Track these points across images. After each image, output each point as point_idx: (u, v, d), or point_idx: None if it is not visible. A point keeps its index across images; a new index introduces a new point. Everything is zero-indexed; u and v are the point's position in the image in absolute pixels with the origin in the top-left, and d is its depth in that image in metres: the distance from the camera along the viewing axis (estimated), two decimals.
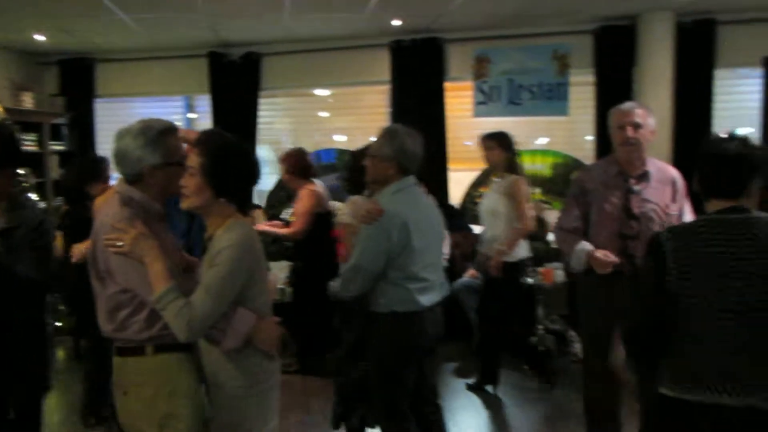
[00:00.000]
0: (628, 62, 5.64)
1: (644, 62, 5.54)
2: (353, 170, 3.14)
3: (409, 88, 6.16)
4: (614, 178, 3.17)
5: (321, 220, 4.71)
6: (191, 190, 2.09)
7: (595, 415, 3.43)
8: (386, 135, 2.84)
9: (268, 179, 6.74)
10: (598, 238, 3.16)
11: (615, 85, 5.67)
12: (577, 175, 3.32)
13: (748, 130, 4.91)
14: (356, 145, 5.80)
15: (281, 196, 6.70)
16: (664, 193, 3.16)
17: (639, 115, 3.12)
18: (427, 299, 2.80)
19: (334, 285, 2.91)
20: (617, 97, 5.41)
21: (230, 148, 2.13)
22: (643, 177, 3.16)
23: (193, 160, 2.08)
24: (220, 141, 2.13)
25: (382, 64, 6.28)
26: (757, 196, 2.03)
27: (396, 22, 5.76)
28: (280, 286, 5.51)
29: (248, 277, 2.08)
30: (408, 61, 6.15)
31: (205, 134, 2.19)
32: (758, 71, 5.35)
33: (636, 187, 3.13)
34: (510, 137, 4.51)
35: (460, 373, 4.99)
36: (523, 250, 4.40)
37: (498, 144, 4.43)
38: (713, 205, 2.03)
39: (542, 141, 6.46)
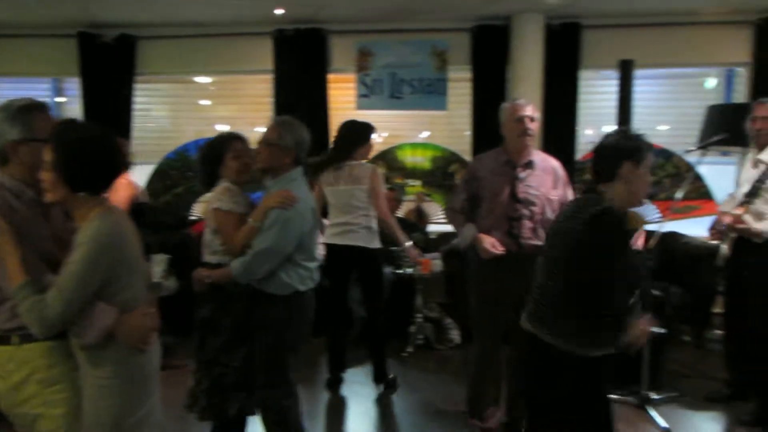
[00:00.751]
0: (502, 60, 5.91)
1: (517, 61, 5.84)
2: (210, 161, 3.10)
3: (291, 79, 6.13)
4: (503, 166, 3.45)
5: (136, 210, 4.52)
6: (47, 185, 2.02)
7: (480, 397, 3.63)
8: (284, 125, 2.99)
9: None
10: (488, 220, 3.44)
11: (490, 82, 5.93)
12: (470, 163, 3.55)
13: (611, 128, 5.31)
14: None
15: None
16: (546, 180, 3.48)
17: (531, 109, 3.46)
18: (317, 277, 3.07)
19: (232, 269, 2.88)
20: (493, 94, 5.75)
21: (84, 142, 2.02)
22: (528, 165, 3.46)
23: (47, 155, 1.99)
24: (73, 135, 2.03)
25: (264, 53, 6.20)
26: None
27: (279, 11, 5.70)
28: (156, 280, 5.31)
29: (108, 273, 2.02)
30: (291, 50, 6.11)
31: (58, 127, 2.07)
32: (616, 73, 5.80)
33: (521, 175, 3.43)
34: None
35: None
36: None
37: None
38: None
39: (425, 134, 6.64)
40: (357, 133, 4.29)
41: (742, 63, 5.82)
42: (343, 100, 6.34)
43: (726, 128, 4.12)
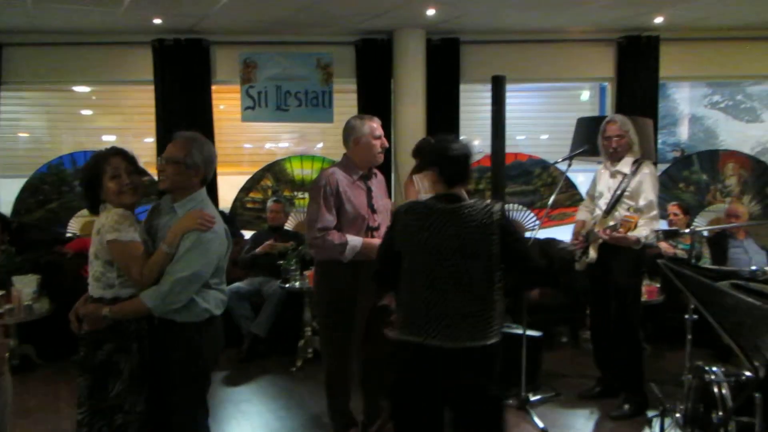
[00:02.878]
0: (386, 74, 6.03)
1: (400, 74, 5.98)
2: (88, 182, 2.80)
3: (174, 89, 5.97)
4: (358, 179, 3.50)
5: None
6: None
7: (336, 387, 3.66)
8: (192, 142, 2.72)
9: None
10: (351, 231, 3.45)
11: (375, 94, 6.03)
12: (327, 179, 3.52)
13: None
14: (127, 146, 5.52)
15: None
16: (383, 190, 3.67)
17: (380, 126, 3.55)
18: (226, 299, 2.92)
19: (146, 302, 2.59)
20: (378, 106, 5.85)
21: None
22: (374, 177, 3.59)
23: None
24: None
25: (145, 63, 6.01)
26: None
27: (157, 21, 5.53)
28: (26, 302, 4.97)
29: None
30: (172, 61, 5.96)
31: None
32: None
33: (372, 186, 3.54)
34: None
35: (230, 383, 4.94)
36: None
37: None
38: (441, 190, 2.59)
39: (319, 146, 6.68)
40: None
41: (607, 78, 6.24)
42: (233, 110, 6.24)
43: (588, 140, 4.39)
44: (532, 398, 4.28)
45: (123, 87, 6.47)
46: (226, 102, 6.43)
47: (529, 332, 4.30)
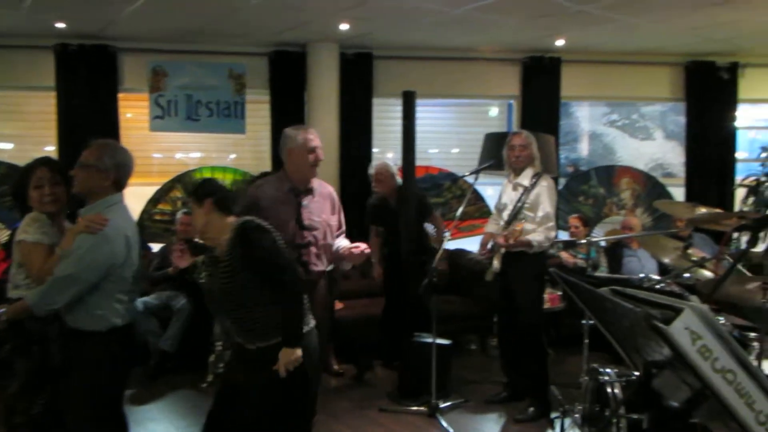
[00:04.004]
0: (299, 86, 6.05)
1: (313, 87, 6.02)
2: (16, 191, 2.84)
3: (78, 97, 5.74)
4: (286, 194, 3.44)
5: None
6: None
7: None
8: (102, 147, 2.76)
9: None
10: None
11: (288, 106, 6.04)
12: (250, 192, 3.49)
13: None
14: (25, 154, 5.27)
15: None
16: (325, 206, 3.55)
17: (318, 138, 3.49)
18: (134, 310, 2.90)
19: (27, 300, 2.60)
20: (291, 118, 5.84)
21: None
22: (309, 192, 3.50)
23: None
24: None
25: (46, 68, 5.74)
26: None
27: (60, 25, 5.32)
28: None
29: None
30: (76, 67, 5.73)
31: None
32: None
33: (305, 202, 3.45)
34: None
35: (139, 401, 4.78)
36: None
37: None
38: None
39: (232, 157, 6.58)
40: None
41: (513, 96, 6.53)
42: (141, 119, 6.08)
43: (495, 154, 4.58)
44: (442, 405, 4.38)
45: (23, 93, 6.16)
46: (133, 110, 6.24)
47: (439, 341, 4.41)
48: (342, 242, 3.61)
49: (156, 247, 5.93)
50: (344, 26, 5.37)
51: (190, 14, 5.05)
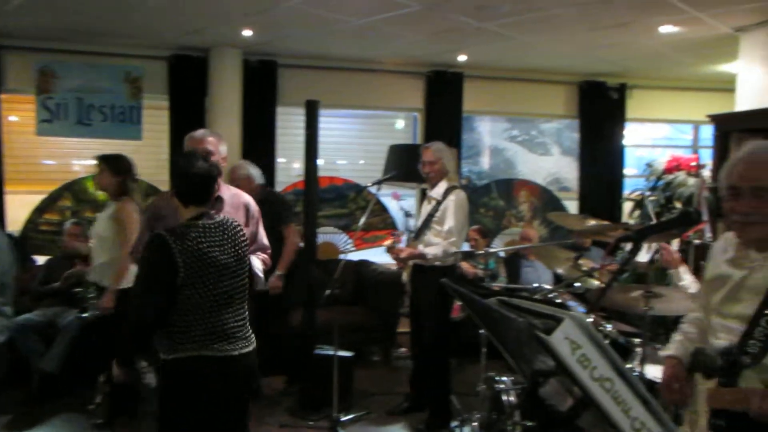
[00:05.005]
0: (200, 92, 5.87)
1: (215, 93, 5.86)
2: None
3: None
4: None
5: None
6: None
7: None
8: None
9: None
10: None
11: (188, 113, 5.84)
12: (151, 201, 3.29)
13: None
14: None
15: None
16: (238, 216, 3.31)
17: (211, 142, 3.23)
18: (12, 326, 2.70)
19: None
20: (191, 125, 5.61)
21: None
22: (217, 201, 3.26)
23: None
24: None
25: None
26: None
27: None
28: None
29: None
30: None
31: None
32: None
33: (210, 212, 3.24)
34: (124, 161, 4.26)
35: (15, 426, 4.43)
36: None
37: (108, 167, 4.15)
38: (190, 212, 2.54)
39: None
40: None
41: (417, 109, 6.62)
42: (26, 123, 5.69)
43: (399, 166, 4.62)
44: (344, 418, 4.34)
45: None
46: (18, 113, 5.84)
47: (341, 353, 4.37)
48: (253, 260, 3.46)
49: (41, 259, 5.56)
50: (247, 32, 5.26)
51: (82, 12, 4.78)
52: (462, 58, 6.15)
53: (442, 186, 4.28)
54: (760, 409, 1.60)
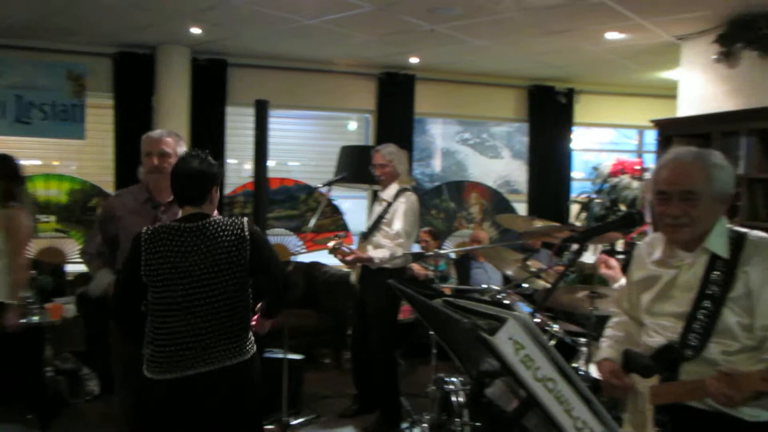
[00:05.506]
0: (147, 91, 5.73)
1: (163, 92, 5.72)
2: None
3: None
4: (143, 205, 3.13)
5: None
6: None
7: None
8: None
9: None
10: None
11: (135, 111, 5.69)
12: (105, 201, 3.16)
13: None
14: None
15: None
16: None
17: (168, 143, 3.10)
18: None
19: None
20: (137, 124, 5.53)
21: None
22: (172, 205, 3.14)
23: None
24: None
25: None
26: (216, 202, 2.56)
27: None
28: None
29: None
30: None
31: None
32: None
33: (164, 216, 3.13)
34: (9, 162, 3.98)
35: None
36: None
37: None
38: (185, 212, 2.49)
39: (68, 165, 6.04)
40: None
41: (369, 110, 6.61)
42: None
43: (350, 167, 4.59)
44: (293, 422, 4.29)
45: None
46: None
47: (291, 356, 4.32)
48: None
49: None
50: (196, 30, 5.16)
51: (21, 5, 4.61)
52: (414, 60, 6.18)
53: (393, 188, 4.28)
54: (718, 390, 1.65)
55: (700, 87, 4.77)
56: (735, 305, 1.84)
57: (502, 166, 7.70)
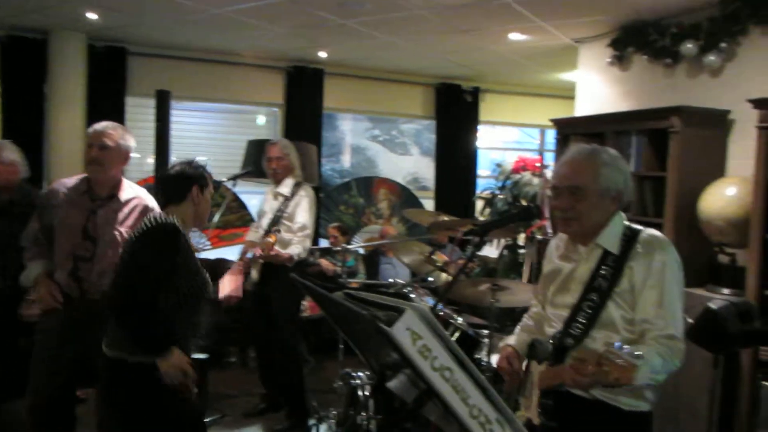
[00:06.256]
0: (38, 78, 5.39)
1: (55, 80, 5.41)
2: None
3: None
4: (81, 196, 3.00)
5: None
6: None
7: None
8: None
9: None
10: (58, 257, 2.99)
11: (24, 100, 5.36)
12: (48, 187, 2.97)
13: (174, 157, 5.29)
14: None
15: None
16: (129, 219, 3.06)
17: (110, 136, 2.98)
18: None
19: None
20: (27, 114, 5.22)
21: None
22: (111, 199, 3.03)
23: None
24: None
25: None
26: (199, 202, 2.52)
27: None
28: None
29: None
30: None
31: None
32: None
33: (101, 210, 3.00)
34: None
35: None
36: None
37: None
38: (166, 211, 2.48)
39: None
40: None
41: (277, 104, 6.52)
42: None
43: (257, 161, 4.51)
44: None
45: None
46: None
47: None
48: None
49: None
50: (92, 15, 4.89)
51: None
52: (323, 54, 6.14)
53: (289, 182, 4.25)
54: (572, 380, 1.70)
55: (595, 88, 5.01)
56: (620, 299, 1.93)
57: (411, 163, 7.79)
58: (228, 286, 3.98)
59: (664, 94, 4.34)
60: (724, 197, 3.54)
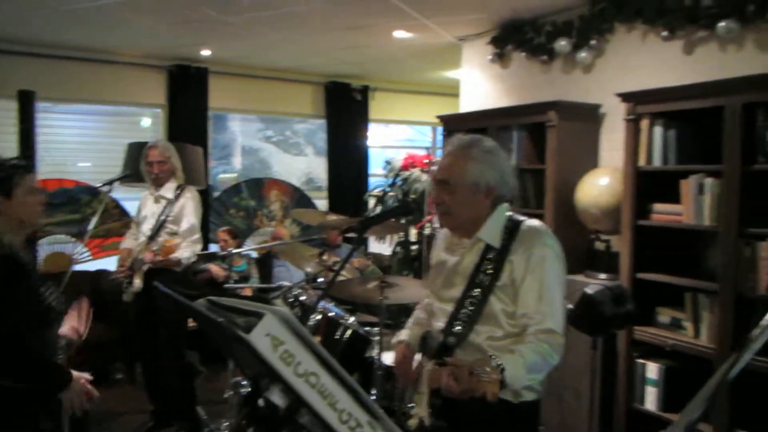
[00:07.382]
0: None
1: None
2: None
3: None
4: None
5: None
6: None
7: None
8: None
9: None
10: None
11: None
12: None
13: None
14: None
15: None
16: None
17: None
18: None
19: None
20: None
21: None
22: None
23: None
24: None
25: None
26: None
27: None
28: None
29: None
30: None
31: None
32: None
33: None
34: None
35: None
36: None
37: None
38: None
39: None
40: None
41: (159, 105, 6.22)
42: None
43: (136, 165, 4.27)
44: None
45: None
46: None
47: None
48: None
49: None
50: None
51: None
52: (206, 52, 5.93)
53: (171, 185, 4.08)
54: (447, 385, 1.66)
55: (478, 85, 5.12)
56: (501, 293, 1.91)
57: (305, 163, 7.71)
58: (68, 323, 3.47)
59: (541, 90, 4.50)
60: (597, 187, 3.70)
